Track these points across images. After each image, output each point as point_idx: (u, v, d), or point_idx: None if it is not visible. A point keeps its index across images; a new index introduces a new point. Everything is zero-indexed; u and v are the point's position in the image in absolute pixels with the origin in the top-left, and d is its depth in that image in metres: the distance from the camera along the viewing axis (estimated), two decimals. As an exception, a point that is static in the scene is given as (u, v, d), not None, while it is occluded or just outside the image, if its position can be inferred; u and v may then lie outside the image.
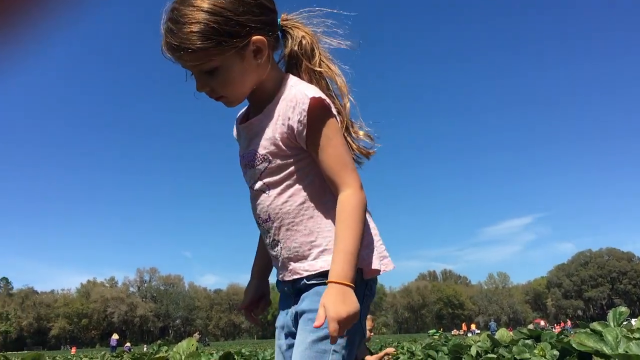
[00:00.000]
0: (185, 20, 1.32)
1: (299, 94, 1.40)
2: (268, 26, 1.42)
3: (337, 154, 1.40)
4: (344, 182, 1.38)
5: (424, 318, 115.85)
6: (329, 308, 1.27)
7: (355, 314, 1.29)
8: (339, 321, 1.26)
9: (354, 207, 1.36)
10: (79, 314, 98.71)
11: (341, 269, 1.31)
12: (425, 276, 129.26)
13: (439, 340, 6.75)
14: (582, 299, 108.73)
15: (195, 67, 1.38)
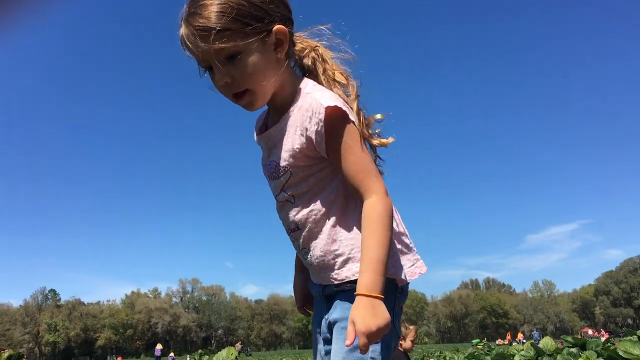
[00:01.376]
0: (209, 2, 1.30)
1: (314, 103, 1.37)
2: (289, 21, 1.42)
3: (359, 161, 1.38)
4: (368, 189, 1.36)
5: (467, 327, 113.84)
6: (358, 322, 1.26)
7: (386, 325, 1.28)
8: (368, 335, 1.26)
9: (380, 215, 1.34)
10: (124, 324, 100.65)
11: (370, 280, 1.29)
12: (467, 285, 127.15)
13: (482, 350, 6.62)
14: (631, 306, 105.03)
15: (217, 52, 1.33)
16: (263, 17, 1.34)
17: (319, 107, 1.36)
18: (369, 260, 1.30)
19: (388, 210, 1.35)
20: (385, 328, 1.28)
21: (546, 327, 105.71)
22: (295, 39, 1.47)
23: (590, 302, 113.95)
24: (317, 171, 1.45)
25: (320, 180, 1.46)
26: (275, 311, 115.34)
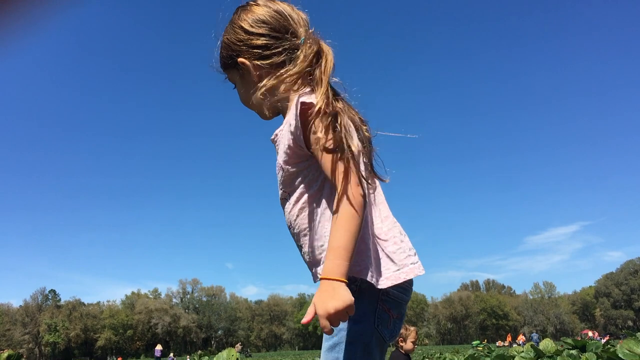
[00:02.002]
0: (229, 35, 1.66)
1: (296, 100, 1.45)
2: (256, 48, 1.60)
3: (330, 155, 1.40)
4: (337, 181, 1.39)
5: (467, 329, 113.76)
6: (317, 305, 1.30)
7: (345, 307, 1.29)
8: (327, 317, 1.28)
9: (344, 204, 1.35)
10: (124, 325, 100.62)
11: (331, 265, 1.32)
12: (467, 286, 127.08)
13: (482, 351, 6.62)
14: (632, 308, 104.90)
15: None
16: (231, 55, 1.63)
17: (297, 102, 1.44)
18: (331, 247, 1.34)
19: (352, 200, 1.36)
20: (345, 310, 1.29)
21: (546, 329, 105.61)
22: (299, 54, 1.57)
23: (591, 303, 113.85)
24: (304, 168, 1.51)
25: (306, 178, 1.51)
26: (275, 312, 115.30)
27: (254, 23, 1.57)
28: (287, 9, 1.59)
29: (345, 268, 1.32)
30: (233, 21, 1.62)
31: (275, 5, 1.59)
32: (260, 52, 1.57)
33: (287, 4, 1.61)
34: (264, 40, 1.56)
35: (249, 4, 1.62)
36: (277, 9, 1.58)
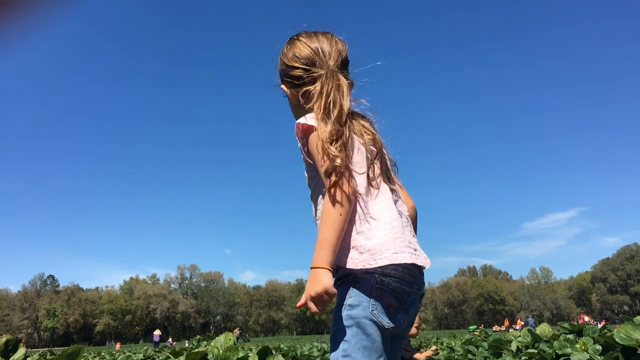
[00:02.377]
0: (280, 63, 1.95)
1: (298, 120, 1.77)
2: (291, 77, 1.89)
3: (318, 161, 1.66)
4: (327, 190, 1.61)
5: (464, 314, 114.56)
6: (305, 290, 1.52)
7: (324, 290, 1.49)
8: (311, 299, 1.50)
9: (327, 207, 1.58)
10: (123, 310, 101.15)
11: (316, 255, 1.54)
12: (464, 272, 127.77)
13: (479, 336, 6.66)
14: (628, 294, 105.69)
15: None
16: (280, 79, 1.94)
17: (296, 123, 1.76)
18: (317, 241, 1.56)
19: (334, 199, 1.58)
20: (323, 292, 1.49)
21: (543, 314, 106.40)
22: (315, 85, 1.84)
23: (587, 289, 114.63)
24: (315, 175, 1.77)
25: (317, 183, 1.77)
26: (274, 297, 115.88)
27: (292, 58, 1.86)
28: (323, 44, 1.85)
29: (327, 257, 1.52)
30: (282, 51, 1.92)
31: (312, 42, 1.86)
32: (295, 82, 1.86)
33: (325, 36, 1.87)
34: (297, 73, 1.84)
35: (293, 38, 1.90)
36: (312, 46, 1.85)
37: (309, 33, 1.89)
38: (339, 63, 1.83)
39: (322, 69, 1.80)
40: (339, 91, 1.75)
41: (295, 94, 1.87)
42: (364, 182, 1.69)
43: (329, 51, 1.83)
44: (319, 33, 1.89)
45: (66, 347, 1.37)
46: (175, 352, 2.55)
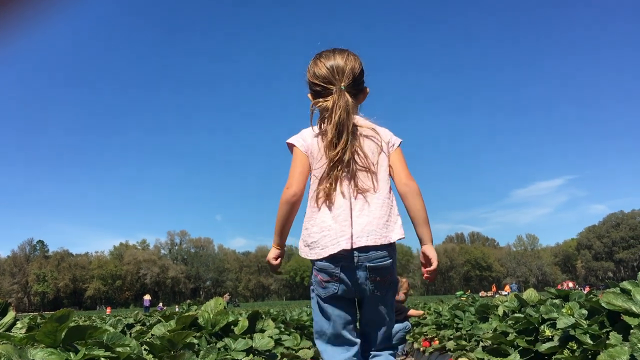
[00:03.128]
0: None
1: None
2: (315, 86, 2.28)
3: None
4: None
5: (451, 280, 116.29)
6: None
7: (267, 259, 2.33)
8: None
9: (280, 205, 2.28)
10: (113, 275, 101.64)
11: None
12: (452, 238, 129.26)
13: (466, 301, 6.77)
14: (612, 260, 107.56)
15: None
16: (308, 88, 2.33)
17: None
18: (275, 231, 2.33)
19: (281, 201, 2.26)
20: (267, 261, 2.35)
21: (528, 280, 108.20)
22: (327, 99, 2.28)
23: (573, 255, 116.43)
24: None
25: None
26: (263, 263, 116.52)
27: (313, 75, 2.26)
28: (339, 62, 2.22)
29: (274, 239, 2.32)
30: (308, 68, 2.31)
31: (329, 61, 2.23)
32: (314, 94, 2.29)
33: (342, 55, 2.24)
34: (317, 88, 2.25)
35: (316, 57, 2.28)
36: (328, 65, 2.22)
37: (328, 52, 2.27)
38: (351, 80, 2.22)
39: (335, 86, 2.20)
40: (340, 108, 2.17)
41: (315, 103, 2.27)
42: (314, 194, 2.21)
43: (342, 70, 2.21)
44: (337, 52, 2.26)
45: (56, 311, 1.36)
46: (166, 315, 2.56)
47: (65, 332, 1.34)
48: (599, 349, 1.59)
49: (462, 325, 4.73)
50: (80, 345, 1.35)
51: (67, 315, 1.33)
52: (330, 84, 2.21)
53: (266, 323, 2.71)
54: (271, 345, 2.42)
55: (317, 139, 2.24)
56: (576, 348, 1.81)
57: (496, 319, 3.13)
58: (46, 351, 1.29)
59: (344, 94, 2.18)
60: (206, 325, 2.36)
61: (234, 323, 2.47)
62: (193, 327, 2.34)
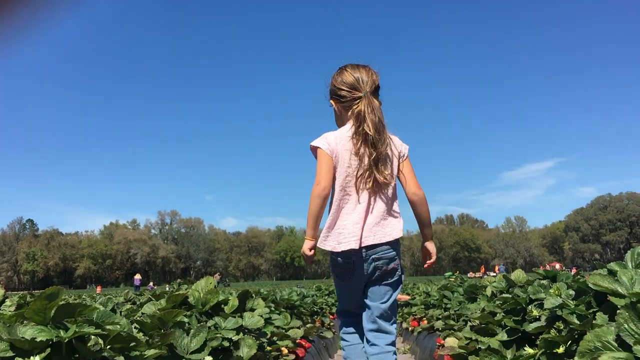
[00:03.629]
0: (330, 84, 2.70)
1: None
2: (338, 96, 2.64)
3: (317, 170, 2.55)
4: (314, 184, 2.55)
5: (440, 261, 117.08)
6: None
7: (303, 251, 2.54)
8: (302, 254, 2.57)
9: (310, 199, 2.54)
10: (103, 254, 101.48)
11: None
12: (442, 220, 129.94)
13: (454, 282, 6.82)
14: (599, 242, 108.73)
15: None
16: (330, 94, 2.70)
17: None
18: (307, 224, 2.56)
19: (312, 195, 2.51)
20: (302, 252, 2.56)
21: (516, 261, 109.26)
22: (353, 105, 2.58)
23: (560, 237, 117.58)
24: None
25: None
26: (254, 244, 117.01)
27: (340, 82, 2.61)
28: (363, 75, 2.57)
29: (308, 231, 2.54)
30: (333, 76, 2.67)
31: (355, 72, 2.58)
32: (339, 99, 2.63)
33: (365, 69, 2.60)
34: (343, 93, 2.60)
35: (342, 68, 2.64)
36: (355, 75, 2.57)
37: (353, 65, 2.64)
38: (373, 89, 2.57)
39: (361, 92, 2.54)
40: (373, 110, 2.53)
41: (339, 107, 2.65)
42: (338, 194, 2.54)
43: (366, 80, 2.57)
44: (360, 66, 2.63)
45: (45, 289, 1.35)
46: (157, 294, 2.57)
47: (55, 310, 1.33)
48: (586, 329, 1.61)
49: (450, 306, 4.77)
50: (70, 323, 1.35)
51: (56, 293, 1.33)
52: (355, 90, 2.56)
53: (256, 302, 2.72)
54: (261, 324, 2.43)
55: (343, 143, 2.55)
56: (563, 328, 1.83)
57: (484, 299, 3.16)
58: (36, 328, 1.28)
59: (371, 98, 2.55)
60: (196, 304, 2.37)
61: (224, 302, 2.48)
62: (183, 306, 2.34)
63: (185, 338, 1.86)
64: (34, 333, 1.24)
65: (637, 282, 1.53)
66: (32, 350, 1.25)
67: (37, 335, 1.24)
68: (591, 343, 1.32)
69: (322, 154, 2.54)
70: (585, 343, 1.34)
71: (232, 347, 2.10)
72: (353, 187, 2.52)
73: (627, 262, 1.76)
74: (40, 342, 1.24)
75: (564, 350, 1.68)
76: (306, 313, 5.55)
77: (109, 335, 1.40)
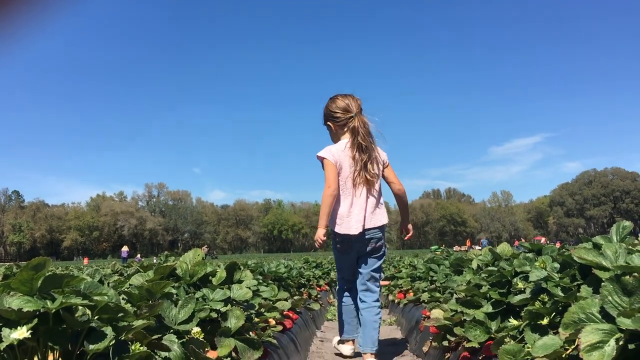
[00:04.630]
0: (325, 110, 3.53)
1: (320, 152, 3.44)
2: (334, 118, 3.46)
3: (325, 176, 3.34)
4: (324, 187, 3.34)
5: (427, 235, 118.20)
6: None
7: (317, 235, 3.29)
8: (315, 238, 3.32)
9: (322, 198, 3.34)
10: (90, 226, 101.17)
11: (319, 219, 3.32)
12: (429, 194, 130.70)
13: (440, 255, 6.88)
14: (583, 217, 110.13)
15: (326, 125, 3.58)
16: (325, 118, 3.52)
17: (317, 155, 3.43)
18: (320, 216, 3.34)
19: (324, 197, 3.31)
20: (316, 236, 3.30)
21: (501, 235, 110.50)
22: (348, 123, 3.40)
23: (545, 212, 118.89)
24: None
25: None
26: (241, 216, 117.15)
27: (335, 107, 3.43)
28: (351, 101, 3.42)
29: (322, 222, 3.28)
30: (327, 104, 3.50)
31: (345, 100, 3.42)
32: (335, 120, 3.45)
33: (351, 96, 3.45)
34: (337, 115, 3.42)
35: (334, 97, 3.48)
36: (345, 102, 3.42)
37: (341, 94, 3.47)
38: (359, 109, 3.41)
39: (352, 113, 3.38)
40: (363, 125, 3.38)
41: (335, 127, 3.46)
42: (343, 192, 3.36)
43: (354, 104, 3.42)
44: (347, 94, 3.46)
45: (32, 259, 1.35)
46: (144, 266, 2.56)
47: (42, 281, 1.33)
48: (570, 301, 1.64)
49: (436, 278, 4.82)
50: (57, 294, 1.34)
51: (43, 264, 1.32)
52: (348, 112, 3.39)
53: (244, 274, 2.72)
54: (249, 296, 2.45)
55: (343, 153, 3.35)
56: (547, 300, 1.86)
57: (470, 272, 3.20)
58: (22, 299, 1.27)
59: (361, 116, 3.40)
60: (184, 276, 2.37)
61: (212, 274, 2.48)
62: (171, 277, 2.34)
63: (174, 309, 1.86)
64: (20, 304, 1.23)
65: (621, 256, 1.55)
66: (19, 320, 1.25)
67: (23, 305, 1.23)
68: (575, 315, 1.34)
69: (329, 163, 3.33)
70: (569, 315, 1.36)
71: (220, 318, 2.11)
72: (352, 186, 3.34)
73: (612, 235, 1.78)
74: (27, 312, 1.23)
75: (548, 322, 1.71)
76: (293, 285, 5.59)
77: (96, 306, 1.39)
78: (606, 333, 1.21)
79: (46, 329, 1.30)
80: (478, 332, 2.26)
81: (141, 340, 1.52)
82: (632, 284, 1.25)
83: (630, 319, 1.16)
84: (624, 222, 1.82)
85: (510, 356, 1.66)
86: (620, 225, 1.82)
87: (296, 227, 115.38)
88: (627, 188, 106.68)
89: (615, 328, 1.20)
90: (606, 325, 1.23)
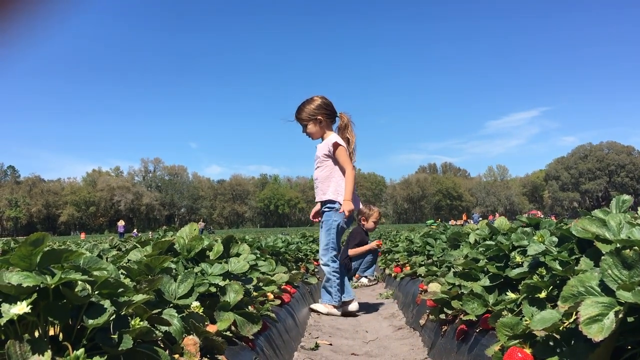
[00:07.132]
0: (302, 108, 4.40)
1: (331, 138, 4.27)
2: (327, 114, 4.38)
3: (344, 160, 4.24)
4: (346, 169, 4.24)
5: (422, 209, 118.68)
6: (344, 206, 4.24)
7: (350, 210, 4.24)
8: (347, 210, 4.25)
9: (348, 177, 4.23)
10: (87, 201, 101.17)
11: (347, 195, 4.24)
12: (425, 169, 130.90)
13: (437, 229, 6.91)
14: (578, 191, 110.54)
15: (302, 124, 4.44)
16: (314, 116, 4.33)
17: (331, 140, 4.25)
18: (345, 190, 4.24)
19: (350, 177, 4.22)
20: (350, 212, 4.26)
21: (497, 209, 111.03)
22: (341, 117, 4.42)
23: (540, 186, 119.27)
24: (329, 160, 4.31)
25: (328, 164, 4.30)
26: (238, 191, 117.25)
27: (322, 104, 4.31)
28: (327, 100, 4.34)
29: (348, 196, 4.21)
30: (306, 106, 4.33)
31: (323, 100, 4.32)
32: (317, 118, 4.28)
33: (325, 97, 4.35)
34: (328, 111, 4.33)
35: (312, 98, 4.34)
36: (324, 101, 4.32)
37: (320, 96, 4.34)
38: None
39: (333, 111, 4.36)
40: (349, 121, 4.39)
41: (326, 121, 4.33)
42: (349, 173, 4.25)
43: (331, 104, 4.35)
44: (321, 96, 4.34)
45: (30, 235, 1.34)
46: (142, 241, 2.56)
47: (41, 256, 1.33)
48: (568, 275, 1.64)
49: (433, 252, 4.84)
50: (57, 269, 1.33)
51: (41, 239, 1.32)
52: (333, 108, 4.37)
53: (241, 248, 2.72)
54: (246, 268, 2.45)
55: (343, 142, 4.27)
56: (545, 274, 1.86)
57: (467, 246, 3.20)
58: (22, 274, 1.27)
59: (343, 114, 4.40)
60: (182, 251, 2.37)
61: (209, 248, 2.48)
62: (169, 252, 2.34)
63: (173, 284, 1.86)
64: (19, 279, 1.23)
65: (624, 228, 1.54)
66: (19, 295, 1.25)
67: (22, 281, 1.23)
68: (574, 288, 1.34)
69: (344, 149, 4.20)
70: (568, 288, 1.36)
71: (219, 292, 2.12)
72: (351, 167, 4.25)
73: (612, 209, 1.78)
74: (26, 287, 1.24)
75: (545, 295, 1.71)
76: (291, 260, 5.62)
77: (96, 281, 1.39)
78: (605, 306, 1.20)
79: (46, 304, 1.30)
80: (475, 305, 2.28)
81: (141, 315, 1.52)
82: (632, 257, 1.25)
83: (630, 292, 1.16)
84: (624, 196, 1.81)
85: (508, 329, 1.67)
86: (620, 199, 1.81)
87: (292, 201, 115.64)
88: (623, 162, 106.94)
89: (614, 301, 1.20)
90: (606, 299, 1.23)
